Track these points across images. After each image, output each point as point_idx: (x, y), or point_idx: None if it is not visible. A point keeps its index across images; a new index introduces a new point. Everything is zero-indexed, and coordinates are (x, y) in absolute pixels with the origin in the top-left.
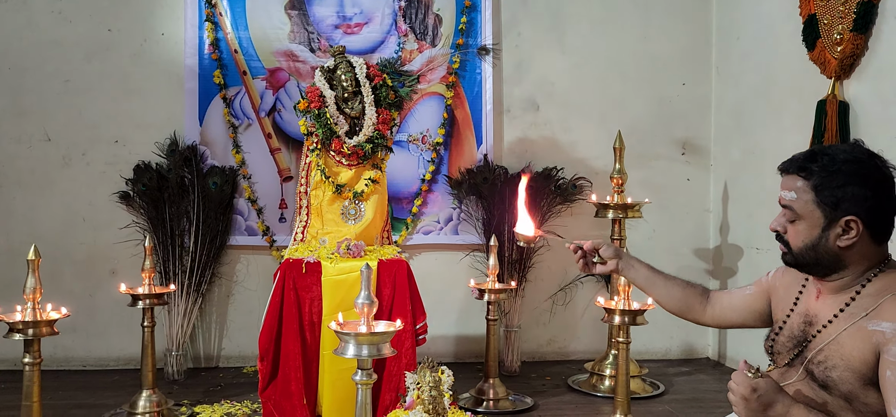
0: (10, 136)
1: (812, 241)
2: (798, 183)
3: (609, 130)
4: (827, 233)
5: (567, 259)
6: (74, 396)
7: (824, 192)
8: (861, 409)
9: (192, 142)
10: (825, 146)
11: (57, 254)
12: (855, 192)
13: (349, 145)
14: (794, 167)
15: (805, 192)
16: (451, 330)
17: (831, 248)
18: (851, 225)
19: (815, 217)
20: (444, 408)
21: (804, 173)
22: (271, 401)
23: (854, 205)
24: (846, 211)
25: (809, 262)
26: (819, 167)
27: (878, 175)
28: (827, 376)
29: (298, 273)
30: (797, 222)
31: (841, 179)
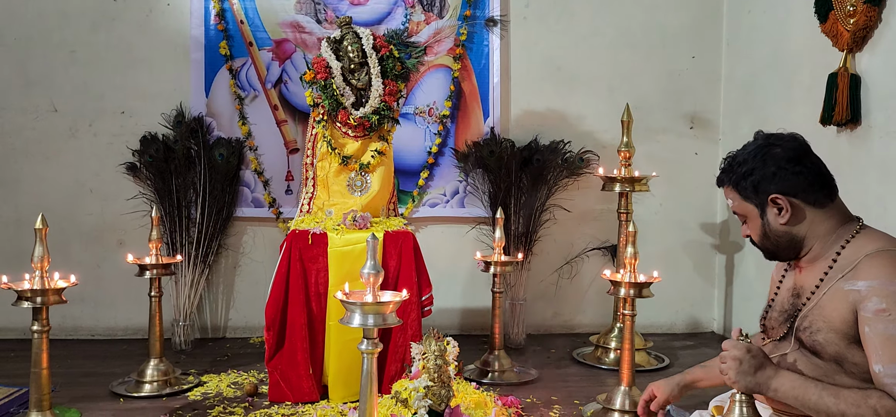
0: (17, 107)
1: (762, 231)
2: (727, 191)
3: (617, 104)
4: (766, 219)
5: (573, 232)
6: (83, 365)
7: (742, 186)
8: (852, 370)
9: (199, 113)
10: (737, 150)
11: (64, 225)
12: (762, 174)
13: (355, 116)
14: (720, 180)
15: (734, 196)
16: (457, 303)
17: (778, 229)
18: (778, 201)
19: (751, 211)
20: (448, 377)
21: (726, 182)
22: (277, 371)
23: (769, 183)
24: (766, 192)
25: (773, 249)
26: (731, 170)
27: (776, 152)
28: (814, 340)
29: (304, 244)
30: (747, 222)
31: (746, 169)
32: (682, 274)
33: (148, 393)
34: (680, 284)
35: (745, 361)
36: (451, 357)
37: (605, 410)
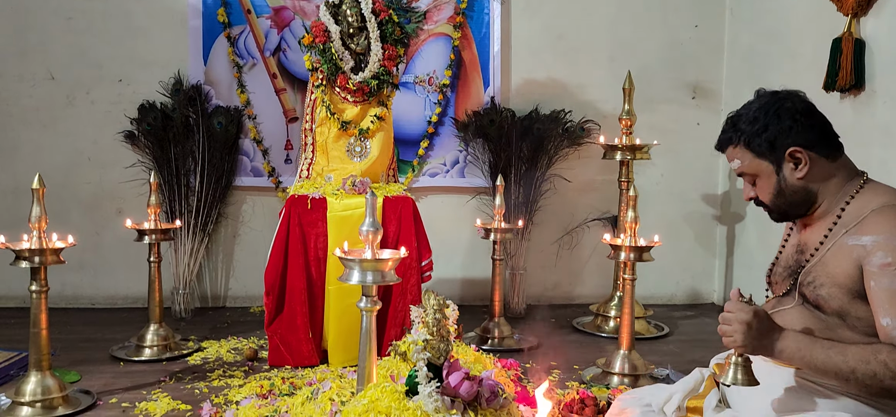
0: (13, 75)
1: (776, 188)
2: (734, 150)
3: (618, 73)
4: (782, 175)
5: (574, 202)
6: (83, 331)
7: (755, 143)
8: (855, 324)
9: (197, 81)
10: (738, 110)
11: (63, 194)
12: (779, 128)
13: (354, 81)
14: (725, 141)
15: (744, 154)
16: (457, 273)
17: (794, 185)
18: (797, 155)
19: (764, 169)
20: (447, 332)
21: (734, 140)
22: (277, 336)
23: (786, 137)
24: (784, 146)
25: (787, 207)
26: (741, 127)
27: (788, 104)
28: (817, 295)
29: (303, 208)
30: (757, 181)
31: (761, 125)
32: (683, 244)
33: (148, 358)
34: (680, 255)
35: (754, 324)
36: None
37: (605, 374)
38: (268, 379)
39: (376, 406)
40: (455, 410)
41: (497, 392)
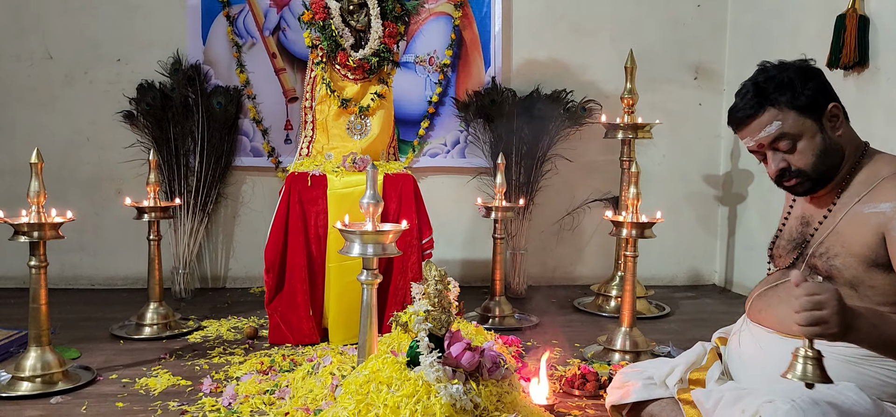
0: (11, 55)
1: (820, 147)
2: (771, 113)
3: (620, 53)
4: (825, 133)
5: (575, 183)
6: (83, 310)
7: (800, 100)
8: (867, 293)
9: (196, 60)
10: (755, 76)
11: (62, 174)
12: (814, 86)
13: (355, 58)
14: (757, 104)
15: (786, 114)
16: (458, 254)
17: (835, 142)
18: (835, 111)
19: (807, 126)
20: (449, 303)
21: (772, 101)
22: (277, 313)
23: (823, 94)
24: (825, 103)
25: (824, 171)
26: (777, 86)
27: (812, 67)
28: (830, 265)
29: (304, 186)
30: (798, 143)
31: (799, 84)
32: (685, 226)
33: (148, 336)
34: (682, 236)
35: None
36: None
37: (606, 351)
38: (268, 356)
39: (378, 377)
40: (457, 380)
41: (499, 362)
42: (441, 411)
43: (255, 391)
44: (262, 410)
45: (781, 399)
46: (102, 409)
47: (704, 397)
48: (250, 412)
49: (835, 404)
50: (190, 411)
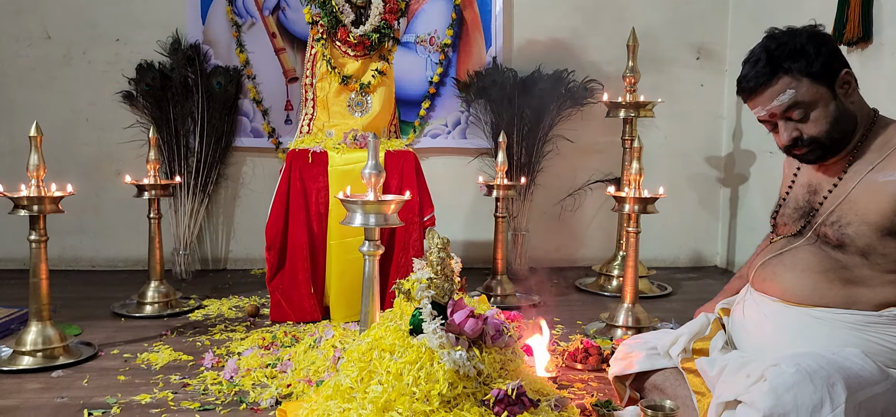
0: (9, 34)
1: (833, 115)
2: (784, 81)
3: (622, 33)
4: (838, 100)
5: (576, 164)
6: (83, 291)
7: (814, 67)
8: (878, 261)
9: (195, 40)
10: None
11: (61, 156)
12: (827, 52)
13: (355, 35)
14: (769, 72)
15: (799, 82)
16: (459, 235)
17: (848, 109)
18: (847, 77)
19: (821, 93)
20: (451, 271)
21: (785, 69)
22: (279, 291)
23: (835, 60)
24: (838, 70)
25: (838, 138)
26: (790, 53)
27: (823, 33)
28: (842, 234)
29: (304, 163)
30: (811, 112)
31: (813, 51)
32: (687, 207)
33: (149, 314)
34: (684, 218)
35: None
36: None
37: (609, 327)
38: (270, 333)
39: (380, 344)
40: (460, 347)
41: (502, 330)
42: (444, 377)
43: (257, 365)
44: (264, 383)
45: (786, 362)
46: (104, 382)
47: (708, 365)
48: (252, 385)
49: (840, 367)
50: (192, 384)
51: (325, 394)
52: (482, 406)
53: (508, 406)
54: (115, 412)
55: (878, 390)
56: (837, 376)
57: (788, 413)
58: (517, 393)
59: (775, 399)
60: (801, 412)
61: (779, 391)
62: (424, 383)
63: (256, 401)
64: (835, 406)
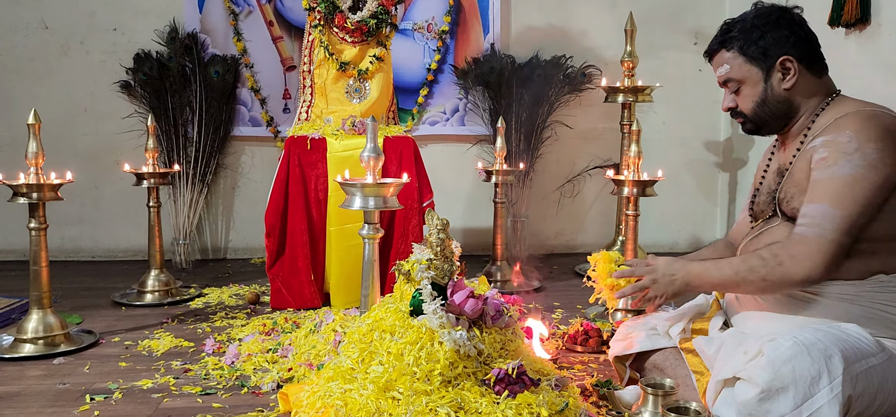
0: (7, 25)
1: (760, 97)
2: (726, 55)
3: (620, 18)
4: (770, 83)
5: (575, 150)
6: (84, 281)
7: (750, 49)
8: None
9: (193, 29)
10: (734, 17)
11: (60, 146)
12: (775, 36)
13: (353, 21)
14: (717, 44)
15: (735, 59)
16: (458, 223)
17: (779, 94)
18: (787, 64)
19: (753, 74)
20: (451, 252)
21: (727, 44)
22: (279, 278)
23: (780, 46)
24: (776, 55)
25: (766, 118)
26: (736, 32)
27: (787, 16)
28: (792, 208)
29: (303, 149)
30: (741, 88)
31: (758, 32)
32: (685, 192)
33: (149, 302)
34: (682, 203)
35: (660, 282)
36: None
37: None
38: (271, 319)
39: (381, 325)
40: (460, 327)
41: (502, 310)
42: (445, 357)
43: (258, 350)
44: (265, 368)
45: (783, 336)
46: (105, 369)
47: (706, 344)
48: (253, 369)
49: (837, 339)
50: (193, 369)
51: (326, 376)
52: (483, 385)
53: (509, 385)
54: (117, 397)
55: (874, 362)
56: (834, 348)
57: (787, 387)
58: (518, 373)
59: (773, 372)
60: (799, 384)
61: (776, 364)
62: (425, 363)
63: (258, 385)
64: (832, 377)
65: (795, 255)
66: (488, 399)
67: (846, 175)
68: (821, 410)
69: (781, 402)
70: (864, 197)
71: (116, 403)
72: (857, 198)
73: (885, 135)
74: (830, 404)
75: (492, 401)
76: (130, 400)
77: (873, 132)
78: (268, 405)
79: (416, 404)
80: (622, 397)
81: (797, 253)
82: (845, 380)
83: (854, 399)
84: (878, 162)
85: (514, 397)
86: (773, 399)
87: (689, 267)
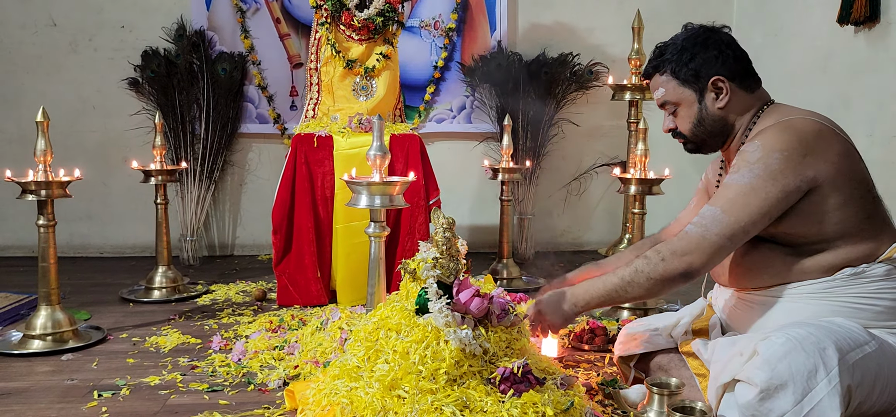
0: (16, 22)
1: (696, 118)
2: (660, 79)
3: (627, 16)
4: (704, 104)
5: (582, 148)
6: (92, 277)
7: (682, 71)
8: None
9: (200, 27)
10: (665, 41)
11: (68, 142)
12: (705, 57)
13: (359, 18)
14: (651, 69)
15: (668, 82)
16: (465, 220)
17: (714, 114)
18: (719, 84)
19: (686, 96)
20: (457, 251)
21: (660, 69)
22: (285, 275)
23: (711, 67)
24: (708, 76)
25: (705, 137)
26: (668, 56)
27: (715, 37)
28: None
29: (310, 147)
30: (678, 111)
31: (688, 55)
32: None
33: (157, 299)
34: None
35: (546, 313)
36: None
37: (614, 308)
38: (277, 316)
39: (386, 324)
40: (466, 326)
41: (508, 309)
42: (450, 356)
43: (265, 347)
44: (272, 365)
45: (776, 334)
46: (113, 365)
47: (703, 347)
48: (260, 366)
49: (829, 331)
50: (200, 366)
51: (332, 374)
52: (488, 384)
53: (514, 384)
54: (125, 393)
55: (868, 350)
56: (827, 340)
57: (785, 383)
58: (523, 371)
59: (770, 371)
60: (797, 380)
61: (772, 362)
62: (430, 361)
63: (264, 382)
64: (829, 369)
65: (676, 250)
66: (494, 398)
67: (743, 183)
68: (822, 403)
69: (782, 399)
70: (757, 206)
71: (124, 399)
72: (749, 206)
73: (793, 144)
74: (830, 395)
75: (497, 400)
76: (138, 397)
77: (781, 141)
78: (274, 402)
79: (422, 402)
80: (628, 396)
81: (678, 248)
82: (842, 370)
83: (853, 389)
84: (777, 172)
85: (519, 396)
86: (773, 397)
87: (573, 289)
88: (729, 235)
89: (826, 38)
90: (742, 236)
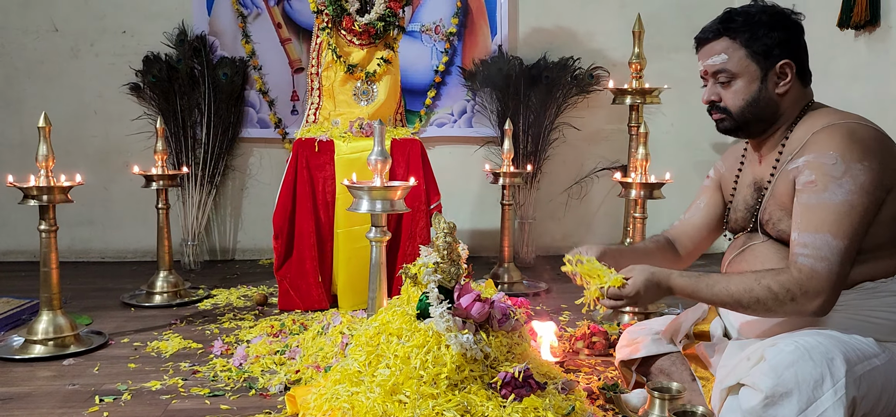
0: (17, 27)
1: (752, 96)
2: (724, 44)
3: (628, 20)
4: (765, 84)
5: (583, 152)
6: (94, 281)
7: (755, 44)
8: None
9: (201, 32)
10: (736, 8)
11: (70, 148)
12: (780, 37)
13: (360, 23)
14: (716, 31)
15: (736, 50)
16: (466, 224)
17: (772, 98)
18: (786, 69)
19: (751, 71)
20: (458, 256)
21: (730, 32)
22: (287, 280)
23: (783, 49)
24: (778, 57)
25: (750, 119)
26: (742, 22)
27: (791, 20)
28: (779, 230)
29: (311, 151)
30: (733, 82)
31: (764, 29)
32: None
33: (158, 304)
34: None
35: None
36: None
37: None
38: (278, 321)
39: (387, 328)
40: (467, 330)
41: (509, 313)
42: (451, 360)
43: (266, 351)
44: (273, 369)
45: (784, 340)
46: (115, 370)
47: (708, 350)
48: (261, 371)
49: (838, 341)
50: (201, 371)
51: (333, 378)
52: (489, 388)
53: (515, 388)
54: (126, 398)
55: (877, 363)
56: (836, 350)
57: (791, 391)
58: (524, 376)
59: (776, 377)
60: (803, 388)
61: (779, 369)
62: (432, 366)
63: (266, 387)
64: (835, 380)
65: (808, 292)
66: (495, 403)
67: (840, 201)
68: (826, 413)
69: (786, 407)
70: (860, 223)
71: (125, 404)
72: (855, 224)
73: (867, 152)
74: (835, 406)
75: (498, 405)
76: (139, 402)
77: (858, 152)
78: (275, 407)
79: (423, 407)
80: (629, 400)
81: (810, 289)
82: (848, 382)
83: (858, 401)
84: (867, 184)
85: (520, 400)
86: (777, 405)
87: (671, 280)
88: (849, 260)
89: (826, 42)
90: (855, 256)
